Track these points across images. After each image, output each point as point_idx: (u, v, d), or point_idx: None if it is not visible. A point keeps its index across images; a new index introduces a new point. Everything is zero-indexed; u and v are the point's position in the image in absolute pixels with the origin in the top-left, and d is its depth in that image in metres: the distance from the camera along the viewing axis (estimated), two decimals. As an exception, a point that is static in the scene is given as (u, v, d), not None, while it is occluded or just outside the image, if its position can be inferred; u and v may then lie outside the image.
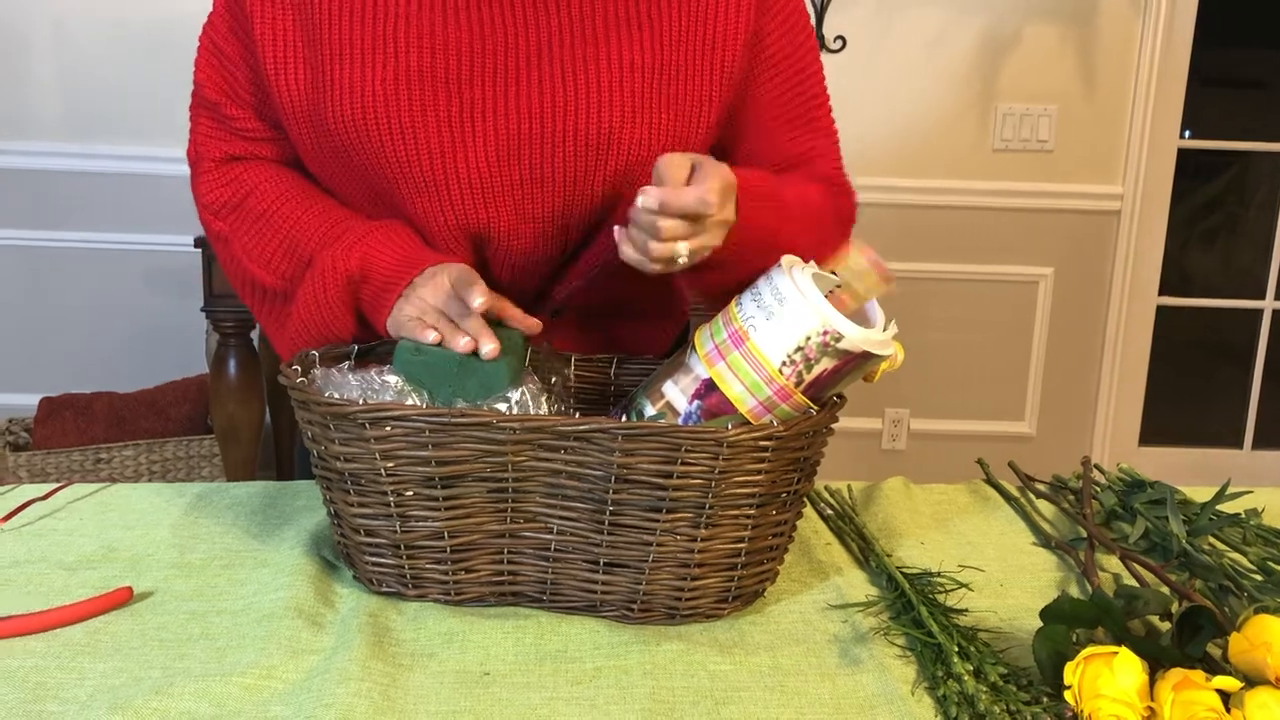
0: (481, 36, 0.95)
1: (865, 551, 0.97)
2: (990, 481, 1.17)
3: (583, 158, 0.96)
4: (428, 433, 0.78)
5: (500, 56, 0.95)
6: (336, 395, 0.83)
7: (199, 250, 2.31)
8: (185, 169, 1.08)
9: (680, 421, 0.82)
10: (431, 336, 0.87)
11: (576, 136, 0.96)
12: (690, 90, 0.99)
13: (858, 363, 0.80)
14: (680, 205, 0.81)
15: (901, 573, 0.90)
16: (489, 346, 0.85)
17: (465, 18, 0.95)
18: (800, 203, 0.98)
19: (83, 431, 2.55)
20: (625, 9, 0.97)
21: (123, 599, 0.83)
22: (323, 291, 0.96)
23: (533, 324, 0.92)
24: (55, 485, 1.07)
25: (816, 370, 0.79)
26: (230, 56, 1.00)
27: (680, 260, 0.84)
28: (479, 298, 0.88)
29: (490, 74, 0.95)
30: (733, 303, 0.84)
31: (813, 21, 2.12)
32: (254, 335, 2.42)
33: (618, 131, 0.96)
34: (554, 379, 0.93)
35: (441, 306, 0.90)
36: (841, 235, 1.05)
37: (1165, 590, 0.84)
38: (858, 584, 0.91)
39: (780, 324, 0.79)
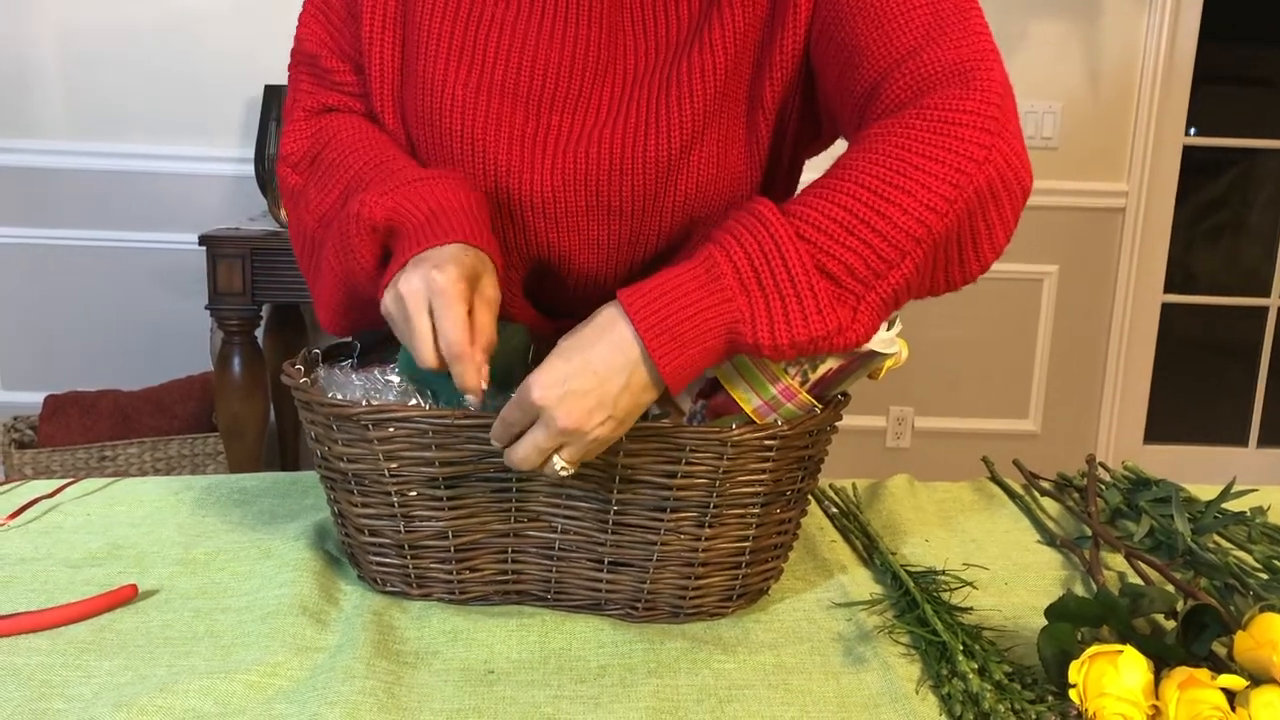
0: (572, 58, 0.91)
1: (869, 549, 0.97)
2: (995, 479, 1.17)
3: (650, 184, 0.91)
4: (431, 434, 0.78)
5: (588, 85, 0.91)
6: (340, 395, 0.83)
7: (204, 249, 2.31)
8: (191, 167, 1.06)
9: (685, 421, 0.82)
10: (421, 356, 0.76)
11: (645, 165, 0.90)
12: (759, 77, 0.91)
13: (863, 361, 0.80)
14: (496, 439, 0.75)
15: (906, 571, 0.90)
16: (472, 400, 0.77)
17: (561, 35, 0.91)
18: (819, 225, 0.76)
19: (88, 429, 2.55)
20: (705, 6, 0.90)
21: (128, 596, 0.84)
22: (346, 238, 0.85)
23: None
24: (62, 482, 1.07)
25: (822, 369, 0.79)
26: (337, 9, 0.97)
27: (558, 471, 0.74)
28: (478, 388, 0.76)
29: (574, 100, 0.91)
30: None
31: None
32: (258, 333, 2.43)
33: (687, 152, 0.90)
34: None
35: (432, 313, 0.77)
36: (940, 167, 0.76)
37: (1170, 589, 0.83)
38: (862, 582, 0.91)
39: (784, 323, 0.78)
